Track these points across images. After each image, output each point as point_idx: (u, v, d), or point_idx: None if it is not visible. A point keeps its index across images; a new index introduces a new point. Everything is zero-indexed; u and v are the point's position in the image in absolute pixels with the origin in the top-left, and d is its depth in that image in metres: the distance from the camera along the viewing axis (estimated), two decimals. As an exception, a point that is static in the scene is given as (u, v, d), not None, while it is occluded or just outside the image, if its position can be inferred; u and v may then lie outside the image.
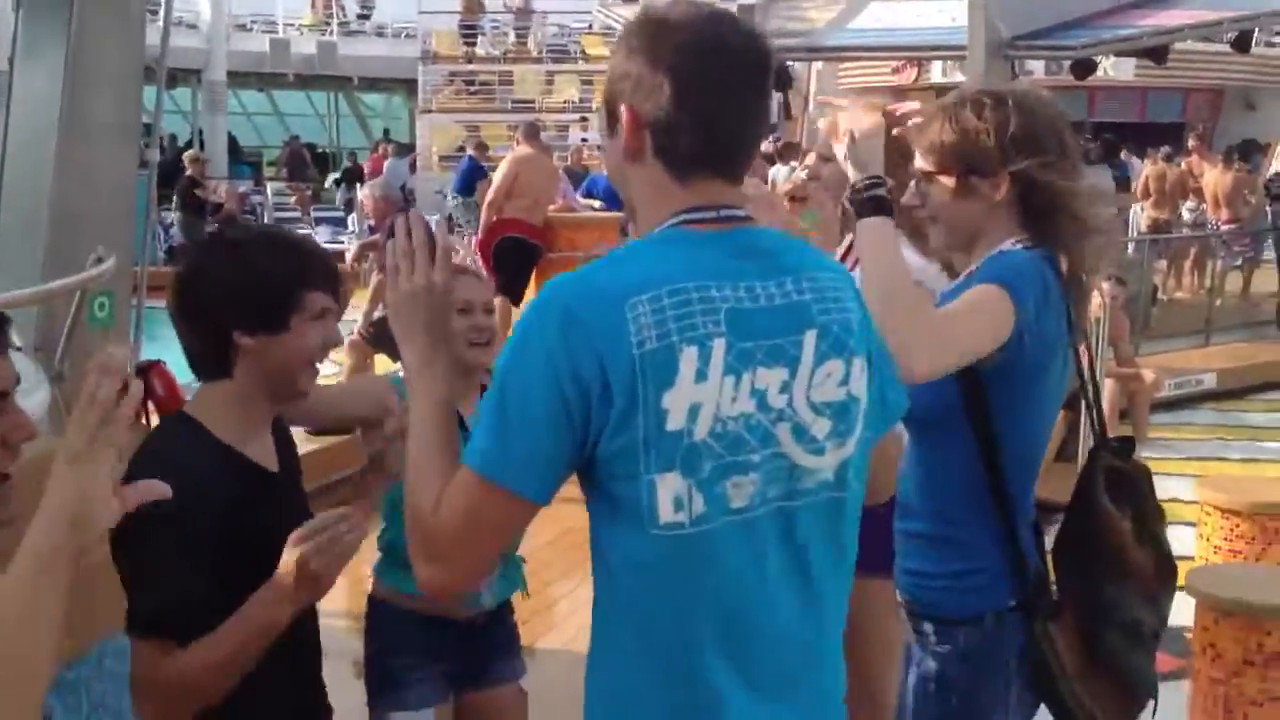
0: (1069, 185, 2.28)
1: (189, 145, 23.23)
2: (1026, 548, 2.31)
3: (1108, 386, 7.84)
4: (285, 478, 2.18)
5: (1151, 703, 2.43)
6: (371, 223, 8.64)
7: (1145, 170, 15.84)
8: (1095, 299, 7.60)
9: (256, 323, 2.02)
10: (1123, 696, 2.36)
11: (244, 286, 2.02)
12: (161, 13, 6.57)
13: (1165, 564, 2.45)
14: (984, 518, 2.27)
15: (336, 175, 24.94)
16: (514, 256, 9.22)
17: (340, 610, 5.45)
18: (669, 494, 1.54)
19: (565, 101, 26.49)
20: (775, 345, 1.60)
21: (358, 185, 19.65)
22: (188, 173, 16.90)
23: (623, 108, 1.65)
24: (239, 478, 2.03)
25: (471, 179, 13.98)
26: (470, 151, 16.69)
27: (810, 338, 1.63)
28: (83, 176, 4.52)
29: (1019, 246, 2.29)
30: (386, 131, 27.15)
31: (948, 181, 2.32)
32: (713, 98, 1.62)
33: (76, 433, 1.43)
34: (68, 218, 4.33)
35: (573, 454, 1.56)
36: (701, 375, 1.54)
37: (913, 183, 2.39)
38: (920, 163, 2.37)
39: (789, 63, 14.61)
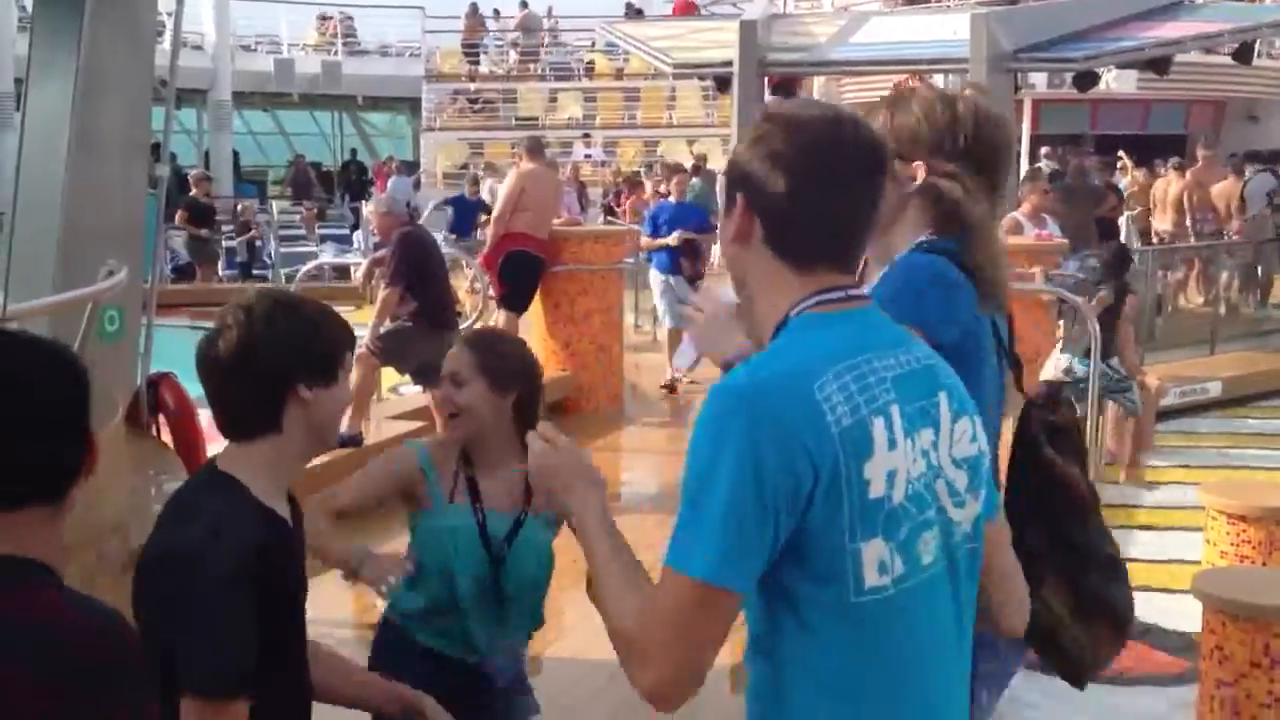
0: (973, 208, 2.26)
1: (193, 166, 23.34)
2: None
3: (1113, 395, 7.86)
4: (297, 527, 2.23)
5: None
6: (377, 239, 8.66)
7: (1155, 183, 15.86)
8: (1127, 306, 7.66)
9: (317, 375, 2.12)
10: (1112, 628, 2.44)
11: (313, 341, 2.13)
12: (169, 33, 6.63)
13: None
14: None
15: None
16: (520, 270, 9.25)
17: (346, 620, 5.48)
18: (874, 559, 1.60)
19: (569, 118, 26.61)
20: (922, 407, 1.69)
21: (363, 201, 19.74)
22: (193, 192, 16.96)
23: (739, 196, 1.73)
24: (270, 535, 2.08)
25: (468, 217, 14.15)
26: (467, 191, 16.67)
27: (943, 398, 1.73)
28: (94, 191, 4.58)
29: (922, 242, 2.26)
30: (391, 157, 27.23)
31: None
32: (827, 194, 1.69)
33: None
34: (79, 232, 4.38)
35: (777, 539, 1.58)
36: (892, 442, 1.62)
37: None
38: None
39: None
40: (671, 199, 11.13)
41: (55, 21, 4.71)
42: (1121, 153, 18.62)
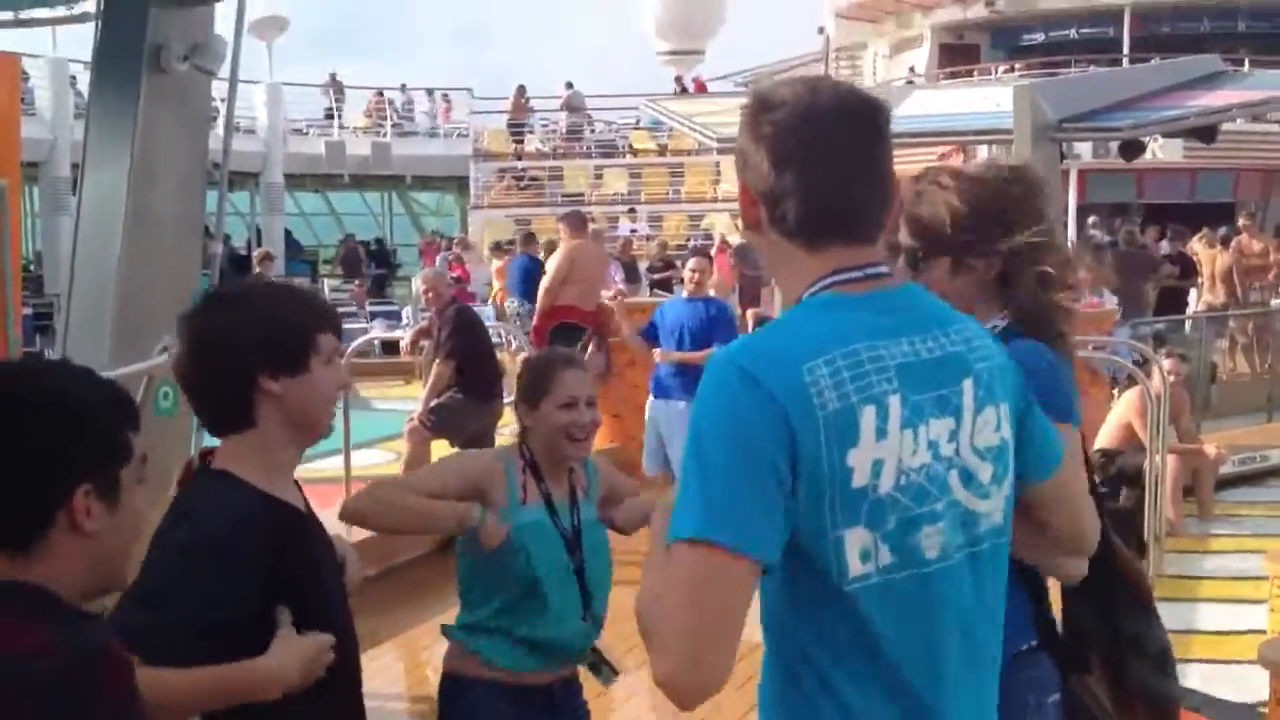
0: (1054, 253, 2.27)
1: (244, 247, 23.73)
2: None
3: (1170, 463, 7.73)
4: (311, 517, 2.22)
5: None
6: (426, 311, 8.75)
7: (1198, 252, 15.76)
8: (1155, 375, 7.57)
9: (281, 365, 2.07)
10: (1158, 716, 2.38)
11: (266, 331, 2.07)
12: (222, 117, 6.77)
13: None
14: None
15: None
16: (567, 340, 9.34)
17: (399, 693, 5.45)
18: (856, 547, 1.57)
19: (614, 194, 26.87)
20: (941, 396, 1.64)
21: (413, 278, 19.94)
22: (256, 270, 17.27)
23: (740, 181, 1.72)
24: (280, 518, 2.08)
25: (531, 278, 14.19)
26: (520, 248, 16.90)
27: (969, 386, 1.67)
28: (148, 270, 4.65)
29: (1002, 325, 2.24)
30: (436, 231, 27.58)
31: (941, 261, 2.28)
32: (812, 166, 1.65)
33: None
34: (134, 309, 4.45)
35: (784, 505, 1.54)
36: (882, 432, 1.57)
37: (900, 257, 2.31)
38: (909, 239, 2.32)
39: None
40: (683, 293, 8.09)
41: (111, 108, 4.82)
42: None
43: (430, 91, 30.22)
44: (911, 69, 30.38)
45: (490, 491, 3.00)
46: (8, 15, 7.73)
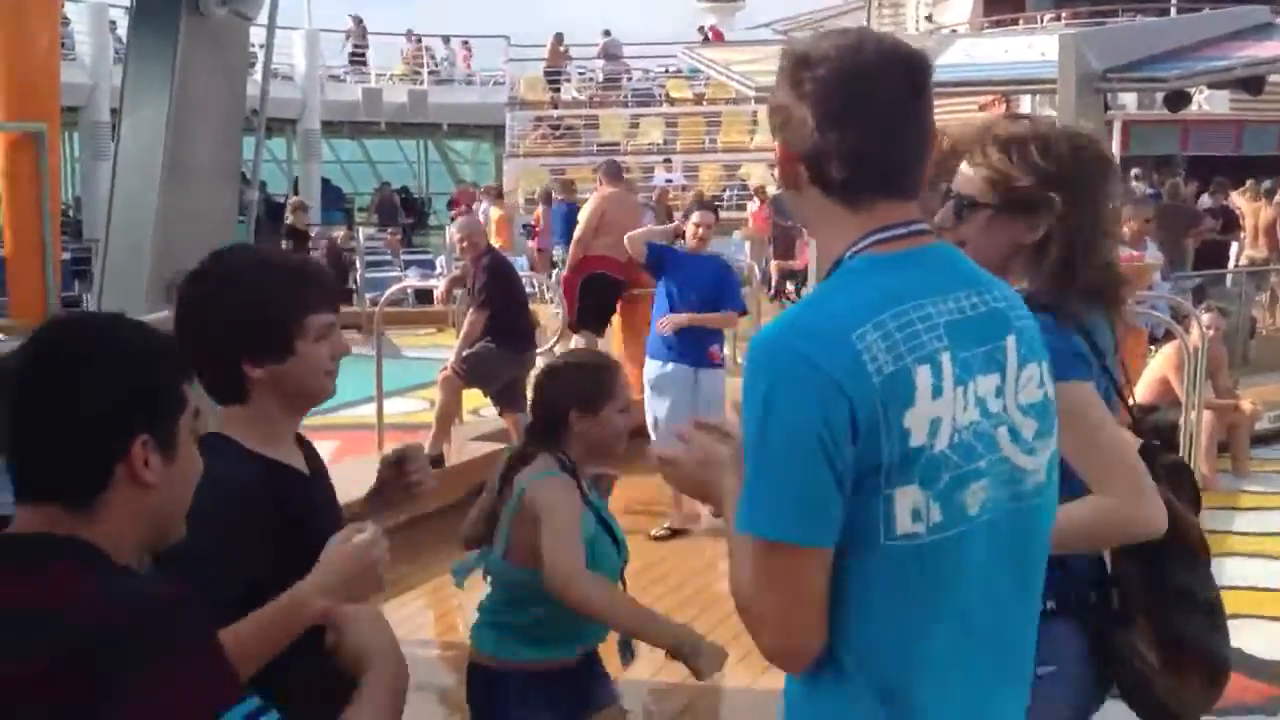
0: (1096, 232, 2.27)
1: (282, 194, 23.79)
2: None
3: (1206, 418, 7.68)
4: (317, 479, 2.23)
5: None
6: (460, 259, 8.75)
7: (1240, 206, 15.55)
8: (1194, 330, 7.49)
9: (263, 353, 2.05)
10: (1209, 677, 2.34)
11: (244, 321, 2.04)
12: (260, 64, 6.78)
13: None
14: None
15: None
16: (600, 291, 9.32)
17: (428, 639, 5.50)
18: (907, 506, 1.56)
19: (650, 144, 26.73)
20: (987, 352, 1.64)
21: (447, 225, 19.96)
22: (289, 219, 17.30)
23: (779, 140, 1.70)
24: (279, 477, 2.08)
25: (573, 226, 14.15)
26: (558, 195, 16.87)
27: (1012, 343, 1.67)
28: (185, 216, 4.68)
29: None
30: (470, 181, 27.55)
31: (985, 212, 2.29)
32: (857, 122, 1.64)
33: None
34: (170, 256, 4.47)
35: (840, 487, 1.55)
36: (937, 390, 1.57)
37: (949, 204, 2.33)
38: (961, 185, 2.33)
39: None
40: (685, 245, 7.11)
41: (149, 53, 4.83)
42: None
43: (447, 39, 29.94)
44: (953, 21, 29.95)
45: None
46: (46, -41, 7.74)
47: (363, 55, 28.93)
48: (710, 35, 27.95)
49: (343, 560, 1.94)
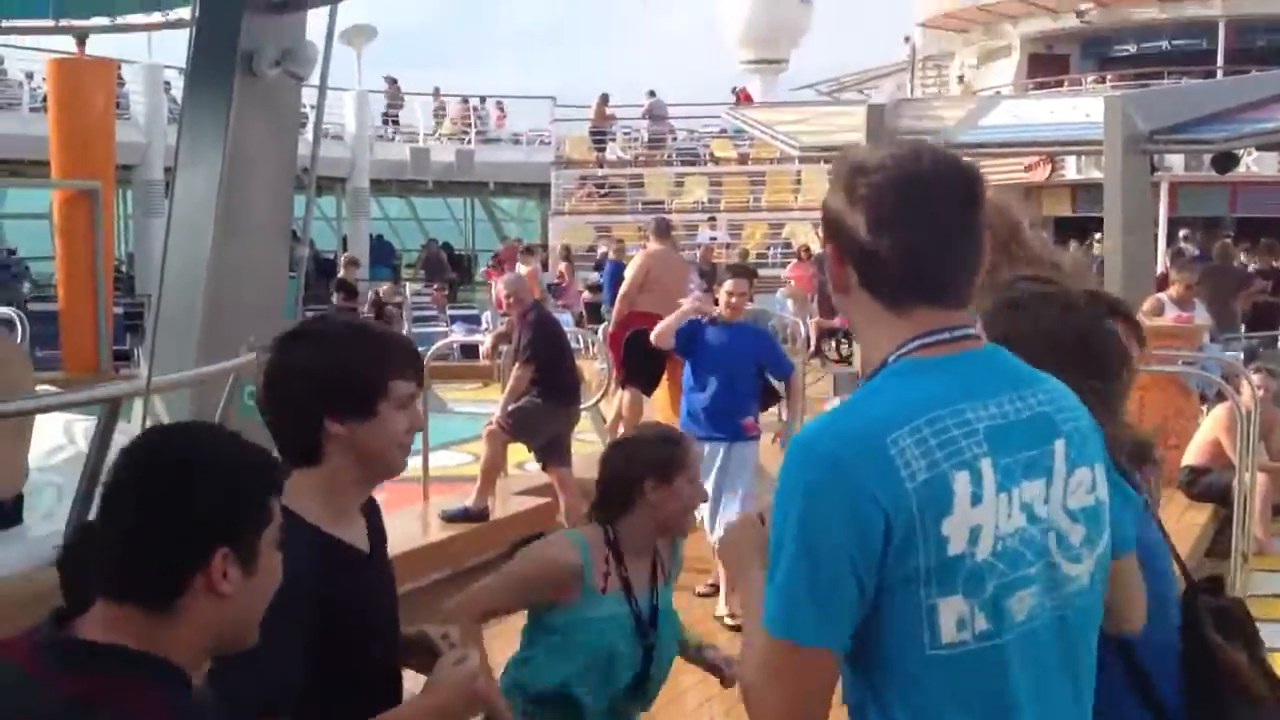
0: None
1: (331, 251, 24.09)
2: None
3: (1260, 481, 7.55)
4: (376, 558, 2.22)
5: None
6: (505, 315, 8.80)
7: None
8: (1245, 391, 7.40)
9: (347, 410, 2.07)
10: None
11: (334, 376, 2.07)
12: (311, 123, 6.89)
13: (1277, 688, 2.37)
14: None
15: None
16: (645, 347, 9.31)
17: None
18: (952, 616, 1.56)
19: (695, 202, 26.87)
20: (1032, 458, 1.63)
21: (493, 282, 20.11)
22: (341, 274, 17.53)
23: (831, 244, 1.72)
24: (334, 562, 2.07)
25: (620, 280, 14.22)
26: (610, 254, 17.01)
27: (1060, 447, 1.66)
28: (236, 271, 4.76)
29: None
30: (517, 238, 27.79)
31: None
32: (910, 228, 1.65)
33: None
34: (222, 309, 4.55)
35: (862, 594, 1.56)
36: (977, 498, 1.56)
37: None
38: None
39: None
40: (717, 314, 6.61)
41: (204, 113, 4.92)
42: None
43: (480, 99, 30.07)
44: (997, 83, 30.04)
45: (558, 591, 2.97)
46: (104, 20, 7.93)
47: (395, 115, 29.31)
48: (740, 97, 28.18)
49: (460, 683, 2.05)
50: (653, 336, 6.85)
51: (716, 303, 6.78)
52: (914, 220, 1.65)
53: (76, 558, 1.60)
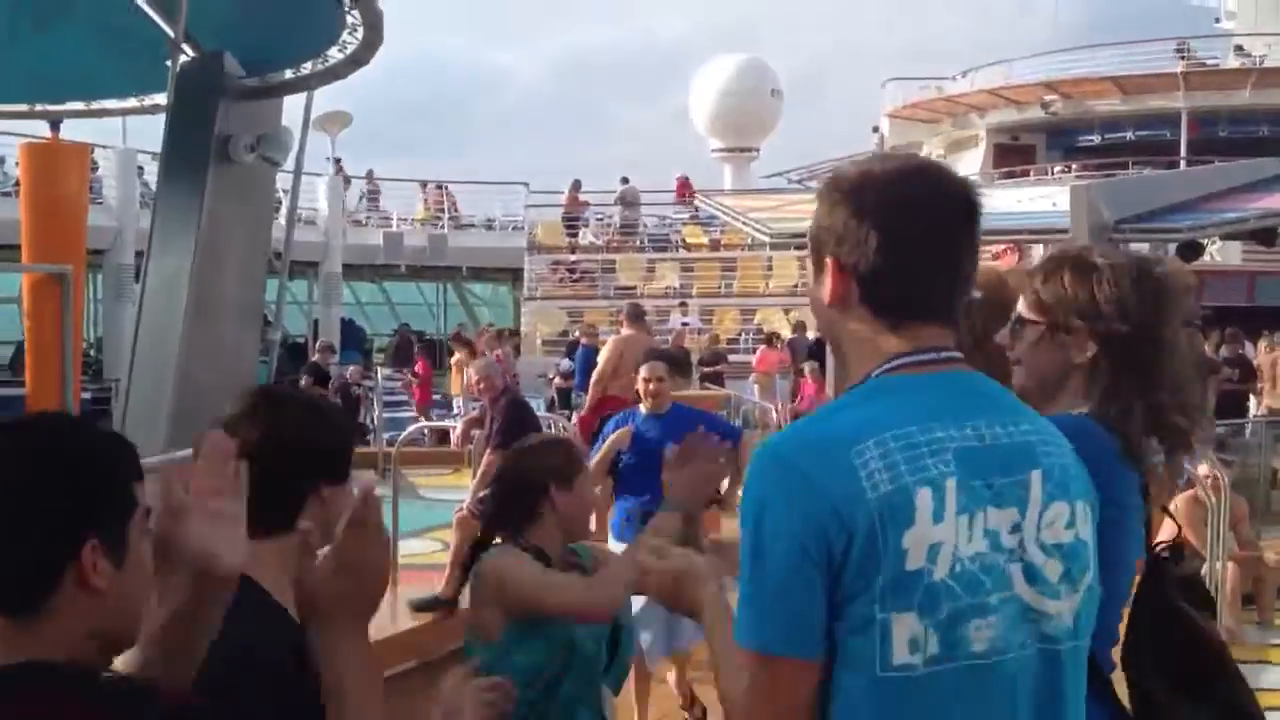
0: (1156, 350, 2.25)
1: (301, 335, 24.01)
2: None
3: (1230, 570, 7.55)
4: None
5: None
6: (476, 402, 8.78)
7: (1258, 357, 15.58)
8: (1208, 480, 7.42)
9: (337, 475, 2.12)
10: None
11: (334, 443, 2.15)
12: (284, 208, 6.91)
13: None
14: None
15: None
16: (617, 433, 9.31)
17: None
18: (905, 634, 1.52)
19: (666, 288, 27.01)
20: (1004, 485, 1.60)
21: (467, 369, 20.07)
22: (314, 358, 17.50)
23: (828, 260, 1.69)
24: (292, 643, 2.00)
25: (592, 365, 14.26)
26: (583, 340, 17.03)
27: (1036, 477, 1.63)
28: (208, 353, 4.73)
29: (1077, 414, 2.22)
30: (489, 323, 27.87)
31: (1036, 330, 2.33)
32: (920, 247, 1.65)
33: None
34: (193, 391, 4.51)
35: (826, 604, 1.54)
36: (938, 515, 1.54)
37: (1009, 324, 2.39)
38: (1020, 307, 2.38)
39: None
40: (643, 409, 6.10)
41: (179, 197, 4.94)
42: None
43: (439, 185, 30.12)
44: (965, 171, 30.52)
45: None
46: (79, 105, 7.97)
47: (377, 202, 29.57)
48: (679, 186, 28.71)
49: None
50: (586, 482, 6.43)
51: (637, 395, 6.18)
52: (922, 237, 1.65)
53: None
